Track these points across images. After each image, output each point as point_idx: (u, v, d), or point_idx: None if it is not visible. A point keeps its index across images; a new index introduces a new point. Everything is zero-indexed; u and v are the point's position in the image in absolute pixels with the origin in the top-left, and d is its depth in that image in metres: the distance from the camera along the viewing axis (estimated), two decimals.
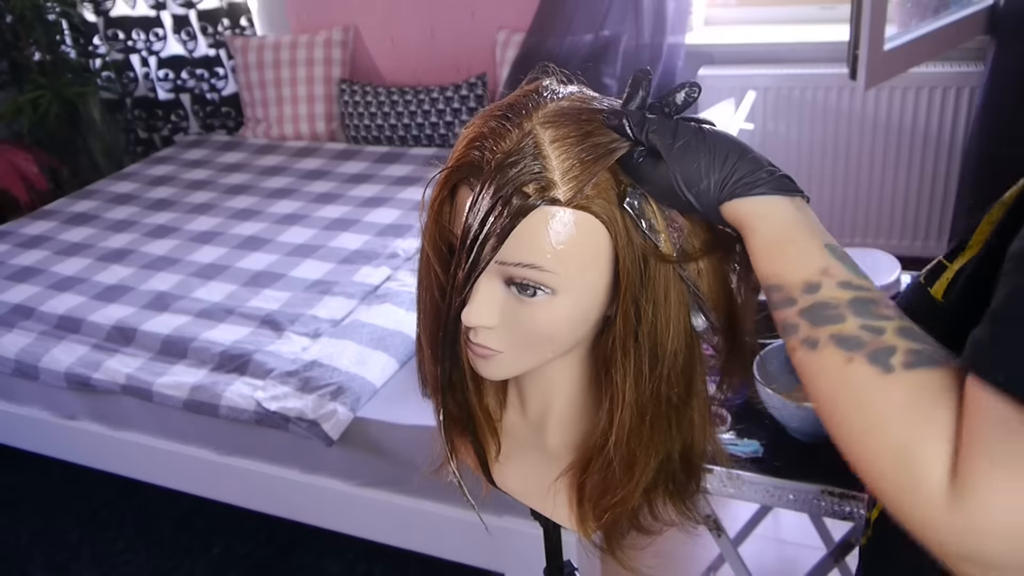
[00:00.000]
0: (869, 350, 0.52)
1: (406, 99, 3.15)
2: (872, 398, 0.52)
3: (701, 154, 0.58)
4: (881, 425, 0.51)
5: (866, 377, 0.52)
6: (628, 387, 0.65)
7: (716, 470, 1.21)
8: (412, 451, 1.73)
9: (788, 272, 0.56)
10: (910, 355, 0.51)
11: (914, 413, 0.50)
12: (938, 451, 0.48)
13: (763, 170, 0.58)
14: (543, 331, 0.64)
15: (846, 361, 0.53)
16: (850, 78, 2.07)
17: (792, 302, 0.56)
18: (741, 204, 0.58)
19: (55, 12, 3.59)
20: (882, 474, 0.51)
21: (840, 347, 0.53)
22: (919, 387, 0.50)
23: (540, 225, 0.60)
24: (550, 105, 0.63)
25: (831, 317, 0.54)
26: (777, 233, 0.57)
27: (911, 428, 0.50)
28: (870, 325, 0.53)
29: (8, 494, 2.45)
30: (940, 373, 0.51)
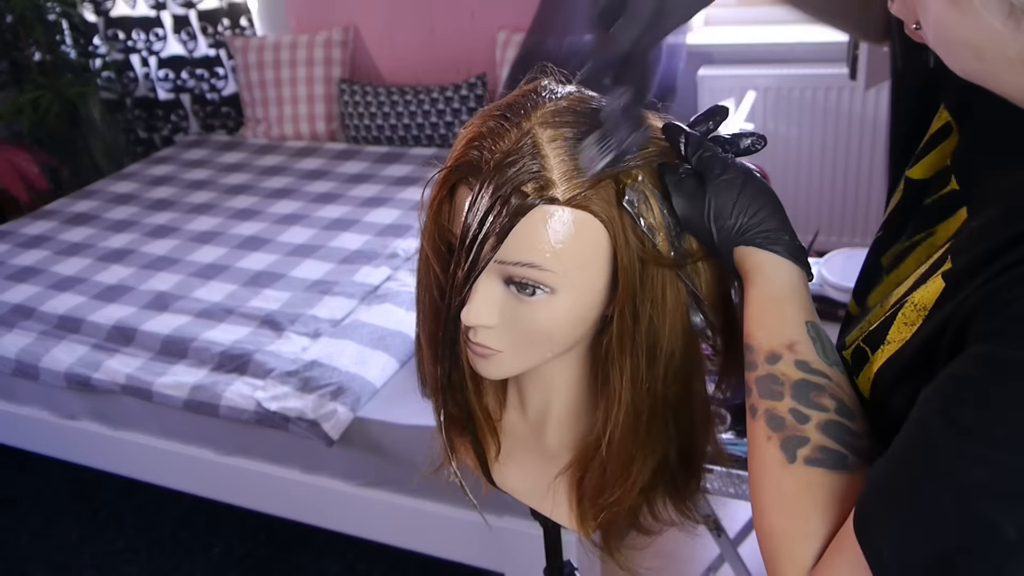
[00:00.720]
0: (785, 435, 0.55)
1: (406, 99, 3.15)
2: (768, 482, 0.55)
3: (739, 195, 0.60)
4: (768, 509, 0.55)
5: (772, 460, 0.55)
6: (624, 386, 0.65)
7: (716, 470, 1.21)
8: (412, 451, 1.73)
9: (761, 336, 0.59)
10: (818, 451, 0.54)
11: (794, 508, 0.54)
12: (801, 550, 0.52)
13: (786, 233, 0.60)
14: (542, 330, 0.64)
15: (765, 438, 0.56)
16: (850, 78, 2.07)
17: (754, 366, 0.59)
18: (753, 254, 0.60)
19: (55, 12, 3.59)
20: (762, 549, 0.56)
21: (767, 424, 0.56)
22: (810, 485, 0.53)
23: (539, 224, 0.60)
24: (548, 105, 0.63)
25: (773, 392, 0.57)
26: (771, 294, 0.59)
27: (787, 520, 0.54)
28: (799, 411, 0.55)
29: (8, 494, 2.45)
30: (840, 479, 0.53)
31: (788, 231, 0.60)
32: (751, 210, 0.60)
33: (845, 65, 2.08)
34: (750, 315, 0.60)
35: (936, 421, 0.47)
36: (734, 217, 0.60)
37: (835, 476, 0.53)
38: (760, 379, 0.57)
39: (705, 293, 0.66)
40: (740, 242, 0.60)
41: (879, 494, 0.49)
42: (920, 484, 0.47)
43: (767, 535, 0.55)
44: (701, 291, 0.65)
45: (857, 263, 1.65)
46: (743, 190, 0.60)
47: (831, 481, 0.53)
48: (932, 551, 0.46)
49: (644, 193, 0.62)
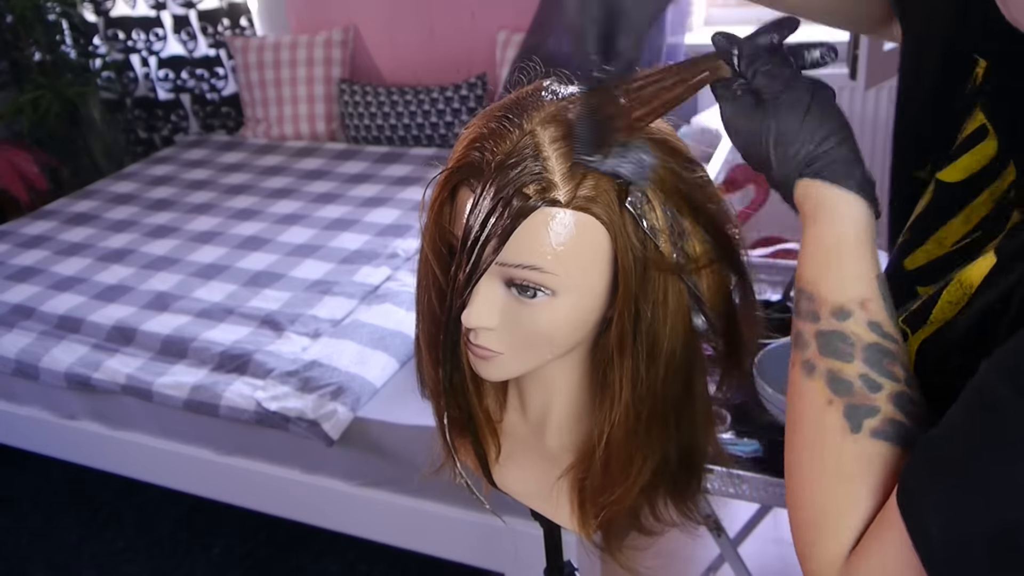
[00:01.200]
0: (851, 402, 0.51)
1: (406, 99, 3.15)
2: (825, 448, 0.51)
3: (806, 117, 0.54)
4: (820, 476, 0.51)
5: (832, 427, 0.51)
6: (624, 387, 0.65)
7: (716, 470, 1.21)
8: (412, 451, 1.73)
9: (827, 287, 0.53)
10: (887, 424, 0.50)
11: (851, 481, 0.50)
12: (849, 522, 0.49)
13: (859, 165, 0.53)
14: (543, 332, 0.64)
15: (826, 402, 0.51)
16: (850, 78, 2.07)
17: (816, 318, 0.53)
18: (821, 188, 0.53)
19: (55, 12, 3.59)
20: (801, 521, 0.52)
21: (830, 386, 0.51)
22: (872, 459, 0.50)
23: (540, 226, 0.60)
24: (550, 106, 0.63)
25: (840, 352, 0.52)
26: (837, 240, 0.53)
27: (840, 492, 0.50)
28: (871, 378, 0.51)
29: (8, 494, 2.45)
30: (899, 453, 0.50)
31: (861, 163, 0.53)
32: (819, 135, 0.53)
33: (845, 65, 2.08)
34: (812, 260, 0.53)
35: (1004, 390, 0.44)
36: (800, 143, 0.53)
37: (897, 450, 0.50)
38: (824, 334, 0.52)
39: (707, 295, 0.65)
40: (806, 173, 0.54)
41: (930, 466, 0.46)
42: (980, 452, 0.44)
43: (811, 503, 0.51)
44: (703, 292, 0.65)
45: None
46: (810, 111, 0.53)
47: (893, 455, 0.50)
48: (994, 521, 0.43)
49: (647, 195, 0.61)
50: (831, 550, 0.50)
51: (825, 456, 0.51)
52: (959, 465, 0.45)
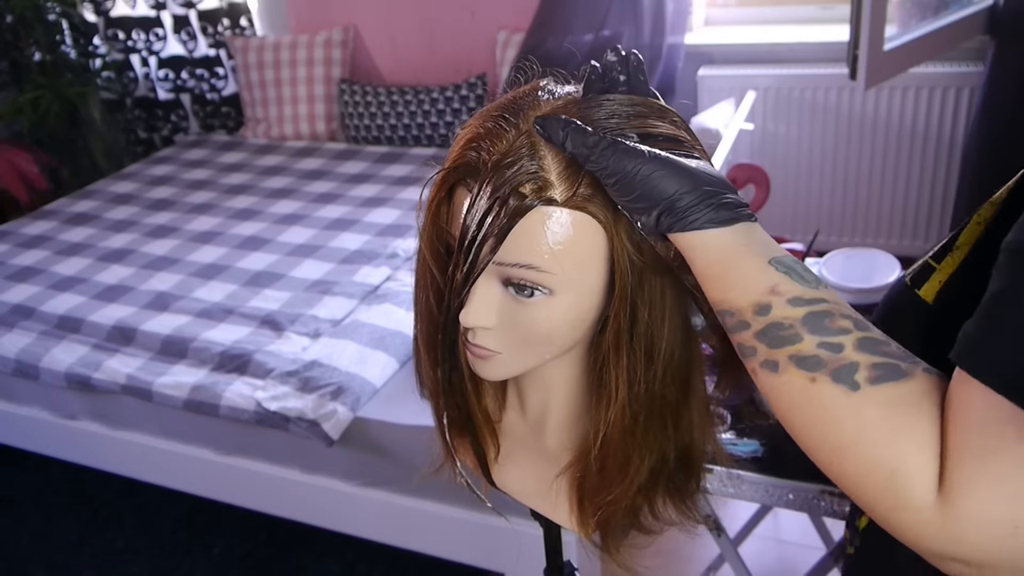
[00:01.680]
0: (831, 368, 0.51)
1: (406, 99, 3.15)
2: (842, 418, 0.50)
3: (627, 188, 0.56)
4: (856, 444, 0.50)
5: (832, 397, 0.51)
6: (620, 386, 0.65)
7: (716, 470, 1.21)
8: (412, 451, 1.73)
9: (736, 297, 0.55)
10: (874, 370, 0.50)
11: (889, 430, 0.49)
12: (920, 465, 0.48)
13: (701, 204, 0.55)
14: (541, 331, 0.64)
15: (809, 381, 0.51)
16: (850, 78, 2.07)
17: (746, 325, 0.55)
18: (678, 238, 0.57)
19: (55, 12, 3.59)
20: (866, 492, 0.50)
21: (801, 368, 0.52)
22: (889, 402, 0.49)
23: (537, 225, 0.60)
24: (547, 105, 0.63)
25: (787, 338, 0.53)
26: (713, 264, 0.56)
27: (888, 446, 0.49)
28: (828, 342, 0.52)
29: (8, 494, 2.45)
30: (909, 385, 0.50)
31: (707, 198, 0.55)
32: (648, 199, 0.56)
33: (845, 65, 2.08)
34: (710, 287, 0.56)
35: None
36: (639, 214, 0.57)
37: (905, 384, 0.50)
38: (761, 333, 0.53)
39: None
40: (662, 231, 0.57)
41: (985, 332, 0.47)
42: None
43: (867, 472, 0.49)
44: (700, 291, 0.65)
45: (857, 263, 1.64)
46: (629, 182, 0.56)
47: (905, 390, 0.49)
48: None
49: None
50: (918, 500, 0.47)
51: (844, 426, 0.50)
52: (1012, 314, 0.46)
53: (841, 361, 0.51)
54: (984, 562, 0.46)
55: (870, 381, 0.50)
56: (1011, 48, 2.29)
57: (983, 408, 0.45)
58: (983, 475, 0.45)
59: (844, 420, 0.50)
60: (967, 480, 0.45)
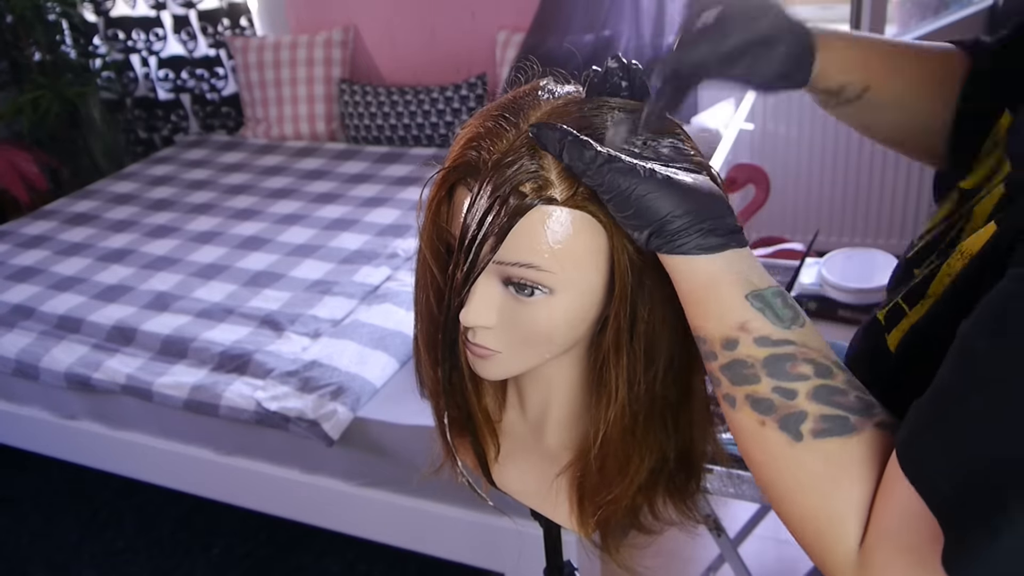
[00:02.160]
0: (780, 415, 0.52)
1: (406, 99, 3.15)
2: (784, 466, 0.53)
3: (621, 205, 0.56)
4: (794, 493, 0.53)
5: (777, 444, 0.52)
6: (620, 386, 0.65)
7: (716, 470, 1.21)
8: (412, 451, 1.73)
9: (709, 327, 0.56)
10: (821, 422, 0.51)
11: (823, 485, 0.51)
12: (846, 526, 0.50)
13: (691, 229, 0.55)
14: (542, 331, 0.64)
15: (759, 424, 0.53)
16: None
17: (714, 356, 0.56)
18: (665, 259, 0.57)
19: (55, 12, 3.59)
20: (798, 535, 0.54)
21: (754, 409, 0.53)
22: (828, 458, 0.51)
23: (537, 224, 0.60)
24: (547, 105, 0.63)
25: (747, 377, 0.54)
26: (696, 290, 0.56)
27: (820, 499, 0.51)
28: (782, 387, 0.53)
29: (8, 494, 2.45)
30: (852, 443, 0.51)
31: (698, 223, 0.55)
32: (639, 219, 0.55)
33: None
34: (689, 311, 0.58)
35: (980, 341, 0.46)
36: (631, 231, 0.57)
37: (847, 440, 0.51)
38: (725, 367, 0.55)
39: None
40: (651, 249, 0.57)
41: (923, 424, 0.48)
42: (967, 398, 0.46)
43: (804, 519, 0.52)
44: None
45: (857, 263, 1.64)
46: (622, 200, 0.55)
47: (847, 447, 0.51)
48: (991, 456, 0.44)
49: None
50: (840, 554, 0.51)
51: (785, 472, 0.53)
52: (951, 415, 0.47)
53: (791, 408, 0.52)
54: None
55: (814, 434, 0.51)
56: None
57: (908, 499, 0.47)
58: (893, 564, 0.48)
59: (785, 468, 0.53)
60: (880, 562, 0.49)
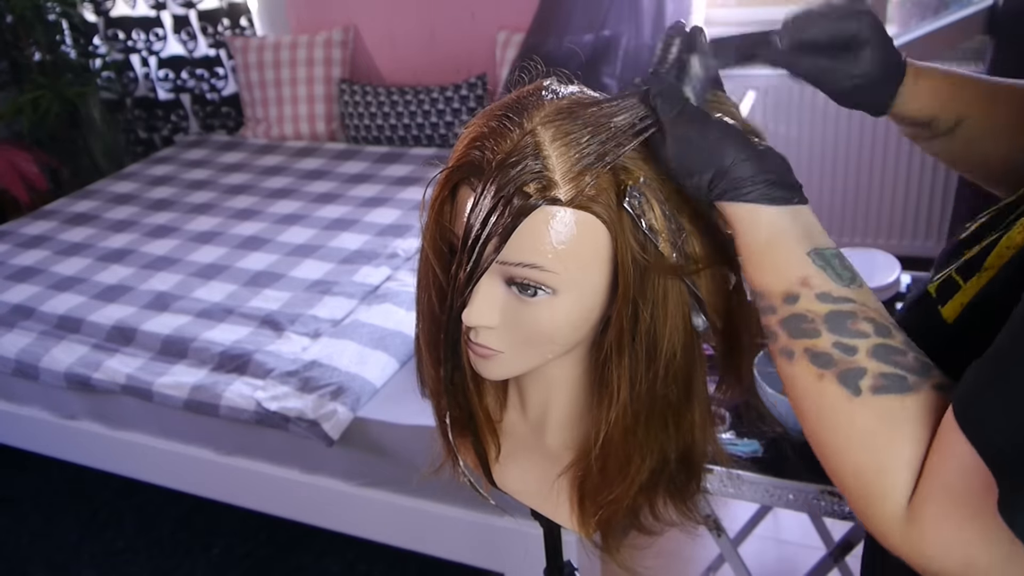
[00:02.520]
0: (839, 370, 0.53)
1: (406, 99, 3.15)
2: (839, 419, 0.53)
3: (694, 146, 0.57)
4: (846, 447, 0.53)
5: (835, 397, 0.53)
6: (622, 386, 0.65)
7: (716, 470, 1.21)
8: (412, 451, 1.73)
9: (769, 281, 0.57)
10: (879, 379, 0.52)
11: (877, 440, 0.52)
12: (896, 481, 0.51)
13: (757, 177, 0.56)
14: (544, 331, 0.64)
15: (817, 377, 0.54)
16: None
17: (773, 311, 0.57)
18: (728, 207, 0.58)
19: (55, 12, 3.59)
20: (847, 489, 0.54)
21: (813, 363, 0.54)
22: (885, 414, 0.52)
23: (541, 225, 0.60)
24: (550, 105, 0.63)
25: (807, 331, 0.54)
26: (759, 242, 0.57)
27: (873, 454, 0.52)
28: (843, 343, 0.53)
29: (8, 494, 2.45)
30: (909, 401, 0.52)
31: (764, 173, 0.56)
32: (711, 162, 0.56)
33: None
34: (747, 264, 0.58)
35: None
36: (695, 174, 0.57)
37: (905, 399, 0.52)
38: (785, 321, 0.55)
39: (706, 294, 0.65)
40: (712, 198, 0.58)
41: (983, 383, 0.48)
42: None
43: (854, 474, 0.53)
44: (702, 292, 0.65)
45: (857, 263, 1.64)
46: (698, 139, 0.57)
47: (904, 405, 0.52)
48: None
49: (646, 195, 0.61)
50: (888, 509, 0.51)
51: (840, 426, 0.53)
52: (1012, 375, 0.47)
53: (850, 364, 0.53)
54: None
55: (872, 390, 0.52)
56: (1011, 48, 2.29)
57: (963, 455, 0.48)
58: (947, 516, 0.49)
59: (840, 422, 0.53)
60: (932, 515, 0.49)
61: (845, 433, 0.53)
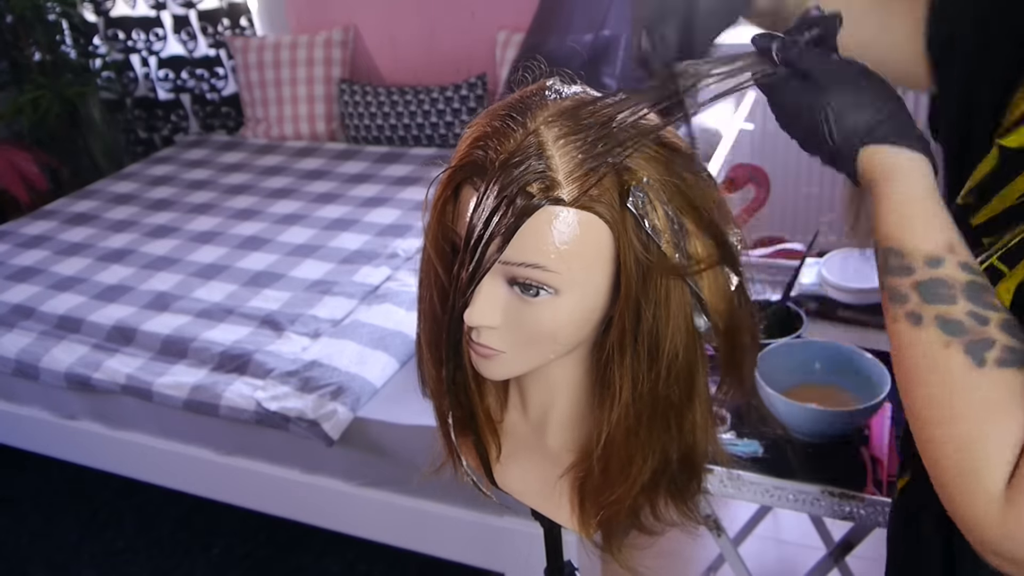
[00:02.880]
0: (968, 339, 0.52)
1: (406, 99, 3.15)
2: (957, 388, 0.52)
3: (859, 92, 0.58)
4: (957, 415, 0.52)
5: (959, 366, 0.52)
6: (624, 386, 0.65)
7: (716, 470, 1.21)
8: (412, 451, 1.73)
9: (913, 239, 0.55)
10: (1006, 352, 0.51)
11: (992, 411, 0.51)
12: (1003, 455, 0.49)
13: (916, 128, 0.57)
14: (546, 331, 0.64)
15: (944, 345, 0.53)
16: None
17: (909, 271, 0.55)
18: (887, 154, 0.57)
19: (55, 12, 3.59)
20: (942, 465, 0.52)
21: (942, 329, 0.53)
22: (1005, 386, 0.51)
23: (544, 225, 0.60)
24: (553, 104, 0.63)
25: (944, 297, 0.54)
26: (913, 194, 0.56)
27: (984, 425, 0.50)
28: (978, 313, 0.53)
29: (8, 494, 2.45)
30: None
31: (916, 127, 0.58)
32: (875, 106, 0.57)
33: None
34: (893, 218, 0.56)
35: None
36: (858, 115, 0.57)
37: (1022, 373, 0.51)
38: (923, 284, 0.54)
39: (708, 295, 0.65)
40: (868, 141, 0.57)
41: None
42: None
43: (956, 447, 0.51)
44: (704, 293, 0.65)
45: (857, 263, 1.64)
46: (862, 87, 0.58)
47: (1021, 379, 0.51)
48: None
49: (649, 195, 0.61)
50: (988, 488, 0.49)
51: (956, 396, 0.52)
52: None
53: (981, 334, 0.52)
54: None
55: (998, 362, 0.51)
56: None
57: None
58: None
59: (957, 391, 0.52)
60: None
61: (963, 403, 0.51)
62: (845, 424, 1.21)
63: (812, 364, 1.30)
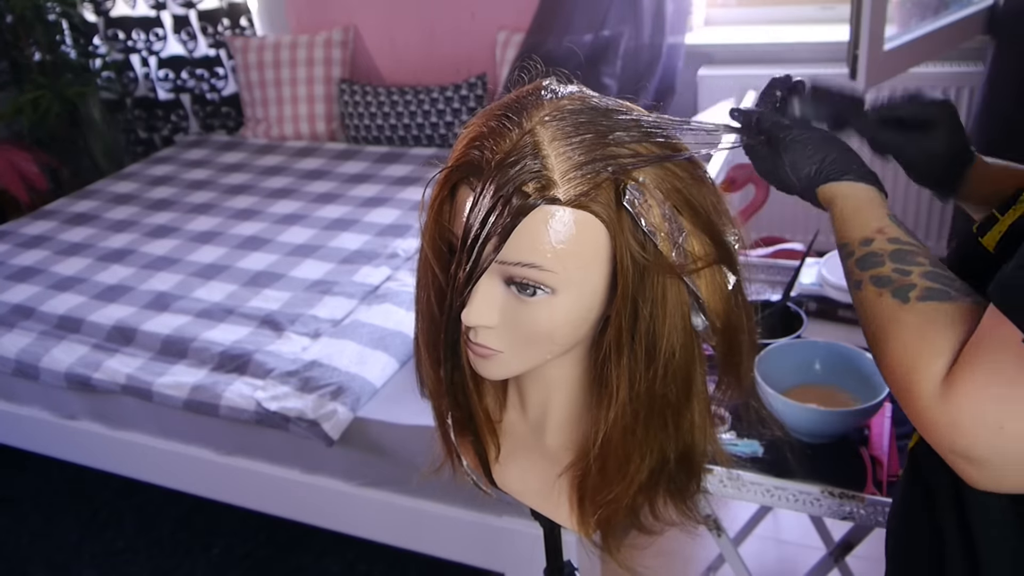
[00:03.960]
0: (895, 287, 0.64)
1: (406, 99, 3.15)
2: (890, 322, 0.64)
3: (808, 147, 0.75)
4: (895, 343, 0.63)
5: (890, 307, 0.64)
6: (622, 385, 0.65)
7: (716, 470, 1.21)
8: (412, 451, 1.73)
9: (852, 232, 0.70)
10: (925, 291, 0.63)
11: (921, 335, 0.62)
12: (934, 365, 0.59)
13: (854, 163, 0.74)
14: (543, 330, 0.64)
15: (877, 295, 0.65)
16: (850, 78, 2.07)
17: (851, 254, 0.69)
18: (832, 186, 0.74)
19: (55, 12, 3.59)
20: (893, 379, 0.63)
21: (875, 284, 0.66)
22: (925, 315, 0.62)
23: (540, 224, 0.60)
24: (549, 104, 0.63)
25: (874, 263, 0.67)
26: (853, 206, 0.72)
27: (916, 345, 0.61)
28: (901, 268, 0.65)
29: (8, 494, 2.45)
30: (949, 307, 0.61)
31: (856, 162, 0.74)
32: (819, 155, 0.74)
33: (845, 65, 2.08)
34: (840, 225, 0.72)
35: None
36: (807, 165, 0.75)
37: (946, 305, 0.61)
38: (859, 259, 0.68)
39: (705, 294, 0.65)
40: (818, 182, 0.74)
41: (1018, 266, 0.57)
42: None
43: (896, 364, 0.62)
44: (701, 292, 0.65)
45: None
46: (810, 143, 0.75)
47: (944, 310, 0.61)
48: None
49: (645, 194, 0.61)
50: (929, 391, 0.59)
51: (892, 327, 0.63)
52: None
53: (904, 281, 0.64)
54: (981, 458, 0.57)
55: (918, 298, 0.63)
56: (1011, 48, 2.28)
57: (993, 326, 0.56)
58: (976, 379, 0.56)
59: (889, 324, 0.64)
60: (962, 379, 0.57)
61: (895, 333, 0.63)
62: (845, 424, 1.21)
63: (812, 364, 1.30)
